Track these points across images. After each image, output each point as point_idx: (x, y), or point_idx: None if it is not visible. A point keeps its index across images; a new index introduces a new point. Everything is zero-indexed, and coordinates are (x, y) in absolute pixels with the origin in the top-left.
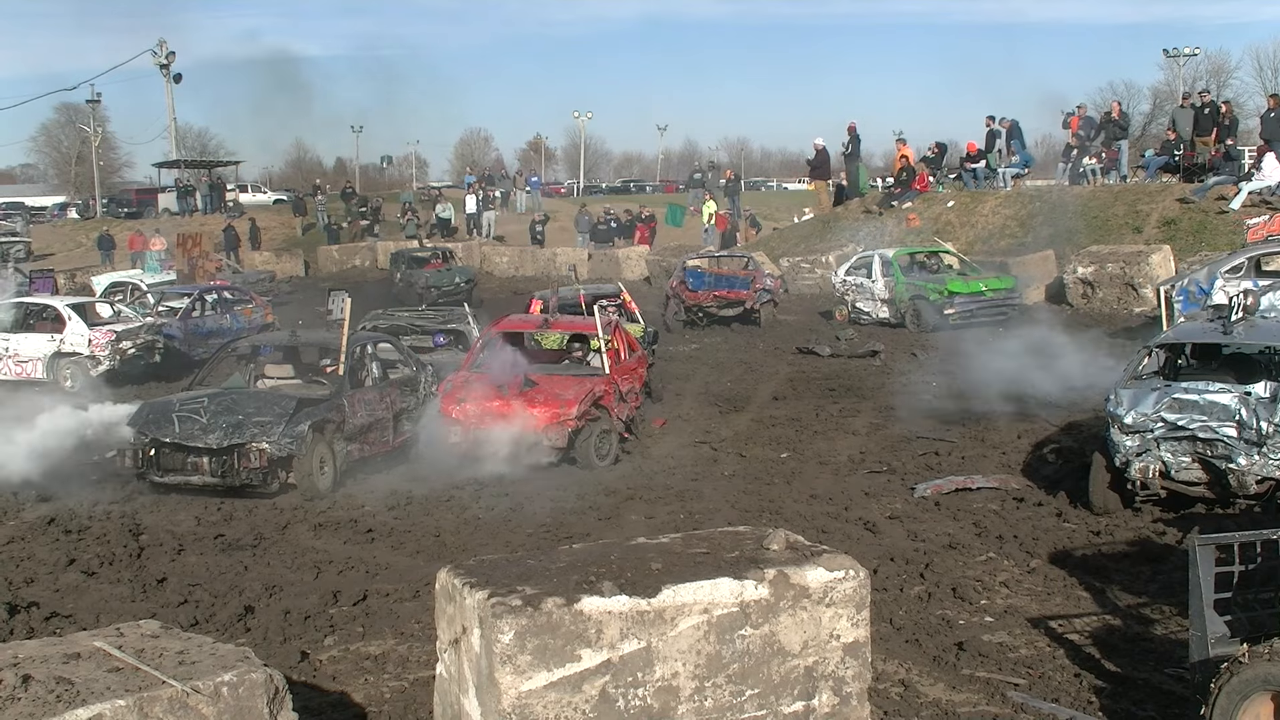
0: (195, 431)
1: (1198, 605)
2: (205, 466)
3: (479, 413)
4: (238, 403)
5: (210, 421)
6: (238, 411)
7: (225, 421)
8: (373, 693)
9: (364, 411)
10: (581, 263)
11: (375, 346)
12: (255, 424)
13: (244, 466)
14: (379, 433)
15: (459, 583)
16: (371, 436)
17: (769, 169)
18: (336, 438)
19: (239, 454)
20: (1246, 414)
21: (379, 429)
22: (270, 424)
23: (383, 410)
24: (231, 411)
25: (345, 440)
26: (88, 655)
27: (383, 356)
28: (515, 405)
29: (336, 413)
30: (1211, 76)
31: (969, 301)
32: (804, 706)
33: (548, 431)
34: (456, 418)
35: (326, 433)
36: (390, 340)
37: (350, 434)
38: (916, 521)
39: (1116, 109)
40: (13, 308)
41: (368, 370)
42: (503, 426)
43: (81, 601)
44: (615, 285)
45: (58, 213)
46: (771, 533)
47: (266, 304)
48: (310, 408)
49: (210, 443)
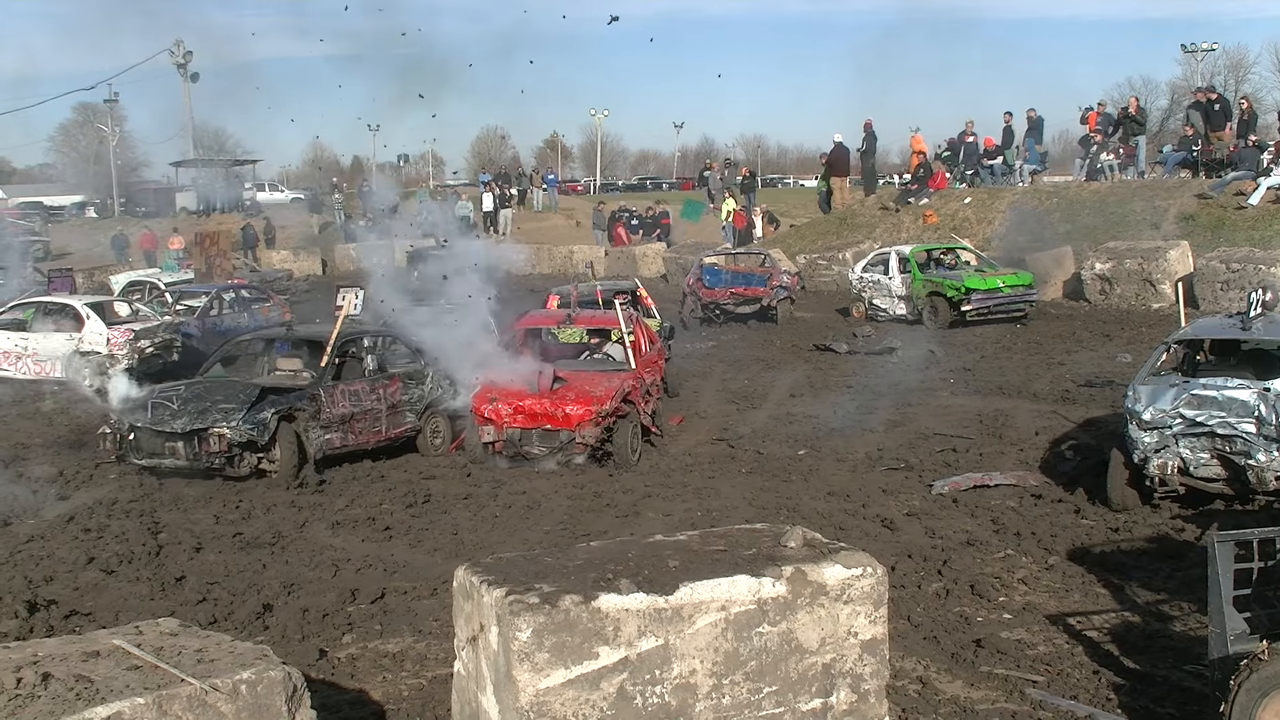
0: (165, 417)
1: (1217, 602)
2: (180, 451)
3: (511, 412)
4: (208, 391)
5: (179, 408)
6: (206, 399)
7: (192, 408)
8: (391, 690)
9: (347, 402)
10: (599, 260)
11: (377, 340)
12: (219, 410)
13: (204, 450)
14: (368, 423)
15: (477, 580)
16: (358, 426)
17: (785, 166)
18: (312, 426)
19: (200, 438)
20: (1266, 410)
21: (369, 419)
22: (232, 411)
23: (374, 401)
24: (200, 399)
25: (322, 429)
26: (107, 653)
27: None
28: (548, 404)
29: (311, 402)
30: (1230, 71)
31: (986, 298)
32: (822, 704)
33: (580, 429)
34: (489, 417)
35: (300, 420)
36: (397, 335)
37: (328, 423)
38: (934, 518)
39: (1134, 105)
40: (31, 307)
41: (364, 363)
42: (536, 425)
43: (101, 599)
44: (632, 282)
45: (75, 212)
46: (789, 530)
47: (284, 302)
48: (276, 396)
49: (176, 428)
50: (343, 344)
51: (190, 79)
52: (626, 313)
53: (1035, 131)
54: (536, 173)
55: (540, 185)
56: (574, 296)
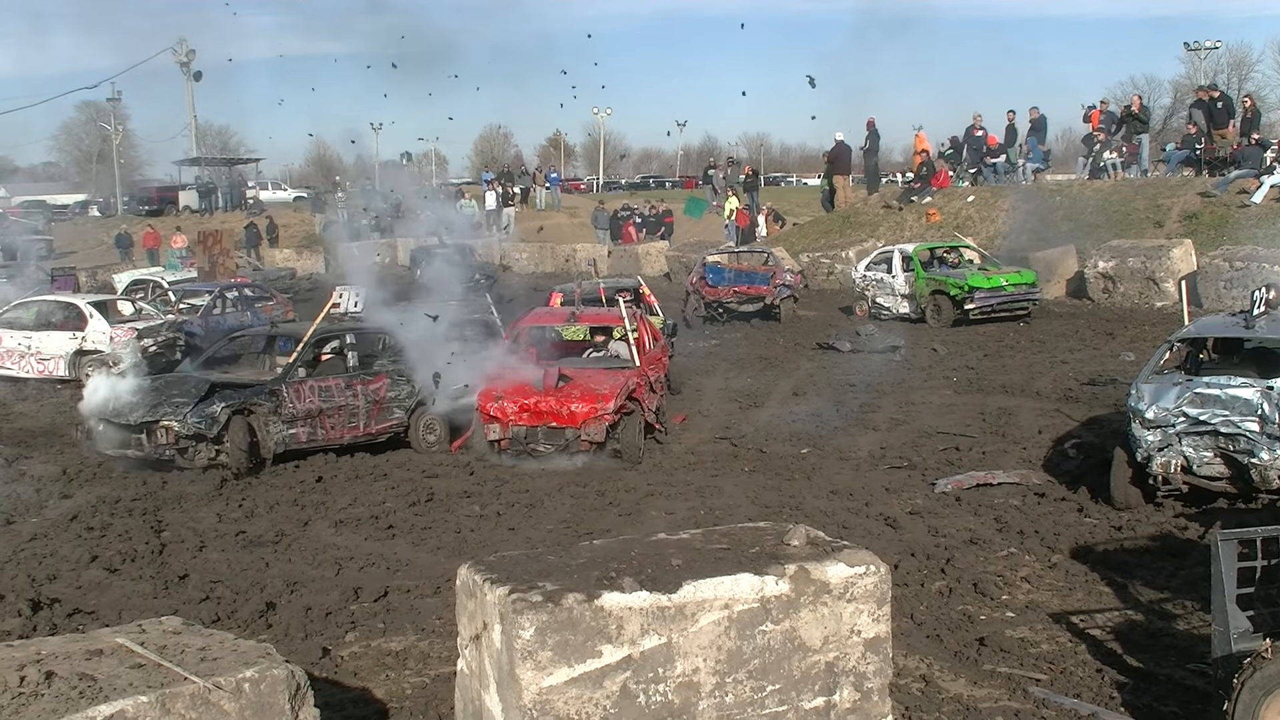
0: (123, 409)
1: (1220, 600)
2: (137, 442)
3: (517, 410)
4: (167, 386)
5: (137, 401)
6: (163, 394)
7: (148, 401)
8: (394, 689)
9: (315, 398)
10: (601, 258)
11: (361, 337)
12: (170, 404)
13: (154, 443)
14: (343, 419)
15: (480, 579)
16: (330, 422)
17: (789, 164)
18: (272, 420)
19: (149, 431)
20: (1269, 408)
21: (344, 415)
22: (182, 404)
23: (349, 398)
24: (158, 393)
25: (284, 423)
26: (110, 652)
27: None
28: (553, 402)
29: (271, 397)
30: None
31: (989, 296)
32: (825, 702)
33: (586, 427)
34: (495, 415)
35: (258, 414)
36: (389, 333)
37: (291, 418)
38: (937, 517)
39: (1137, 103)
40: (35, 306)
41: (345, 359)
42: (542, 423)
43: (104, 598)
44: (635, 279)
45: (79, 211)
46: (792, 528)
47: (287, 301)
48: (231, 391)
49: (132, 420)
50: (320, 340)
51: (193, 78)
52: (630, 310)
53: (1038, 130)
54: (540, 171)
55: (543, 184)
56: (577, 294)
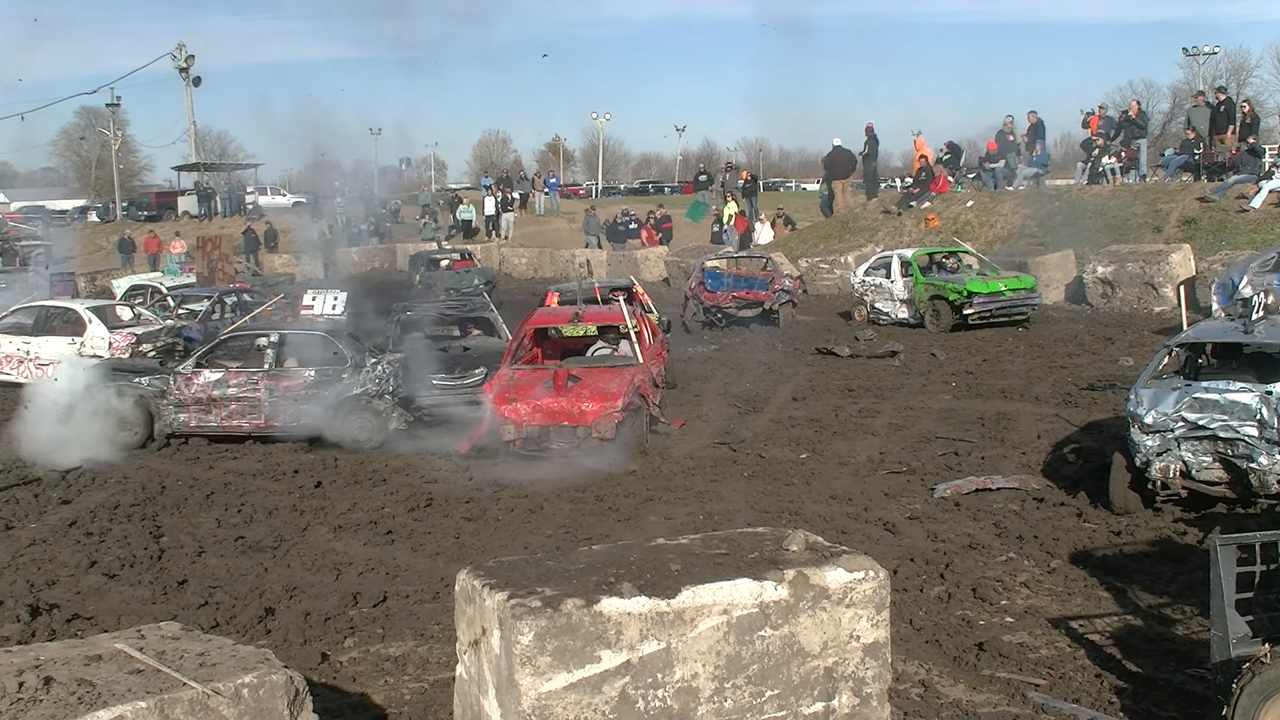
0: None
1: (1219, 605)
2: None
3: (530, 410)
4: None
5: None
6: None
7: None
8: (393, 694)
9: (211, 389)
10: (599, 263)
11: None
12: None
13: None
14: (240, 408)
15: (479, 584)
16: (224, 411)
17: (788, 170)
18: (165, 406)
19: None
20: (1268, 413)
21: (243, 406)
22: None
23: (249, 390)
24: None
25: (175, 408)
26: (109, 657)
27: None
28: (565, 402)
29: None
30: (1231, 74)
31: (988, 301)
32: (824, 707)
33: (596, 425)
34: (510, 417)
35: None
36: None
37: (180, 404)
38: (936, 522)
39: (1135, 108)
40: (34, 311)
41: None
42: (554, 422)
43: (103, 604)
44: (628, 279)
45: (78, 216)
46: (791, 533)
47: (284, 304)
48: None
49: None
50: (234, 338)
51: (192, 83)
52: (630, 308)
53: (1037, 134)
54: (539, 176)
55: (542, 189)
56: (580, 294)
